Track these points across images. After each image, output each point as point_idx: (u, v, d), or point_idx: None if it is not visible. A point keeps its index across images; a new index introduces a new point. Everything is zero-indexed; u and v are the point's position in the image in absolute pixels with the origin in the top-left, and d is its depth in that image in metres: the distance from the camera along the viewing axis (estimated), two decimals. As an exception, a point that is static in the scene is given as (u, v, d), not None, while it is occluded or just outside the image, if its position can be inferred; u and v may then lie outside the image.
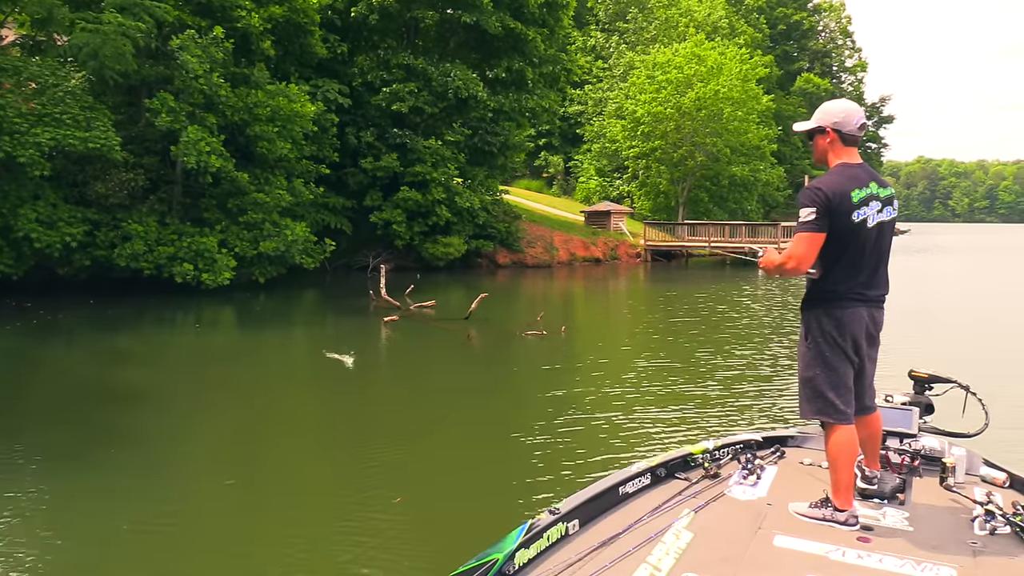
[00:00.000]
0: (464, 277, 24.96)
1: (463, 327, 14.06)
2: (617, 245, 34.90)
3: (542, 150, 52.87)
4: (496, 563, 2.74)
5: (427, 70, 25.59)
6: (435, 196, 25.41)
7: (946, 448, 3.94)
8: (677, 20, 48.80)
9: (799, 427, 4.60)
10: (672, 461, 3.91)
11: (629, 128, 41.72)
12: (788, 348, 12.35)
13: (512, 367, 11.53)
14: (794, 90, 68.93)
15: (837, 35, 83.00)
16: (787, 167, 56.46)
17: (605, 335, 15.37)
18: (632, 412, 8.06)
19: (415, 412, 8.34)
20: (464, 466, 6.65)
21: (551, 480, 6.05)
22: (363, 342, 13.48)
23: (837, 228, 3.30)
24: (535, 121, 31.65)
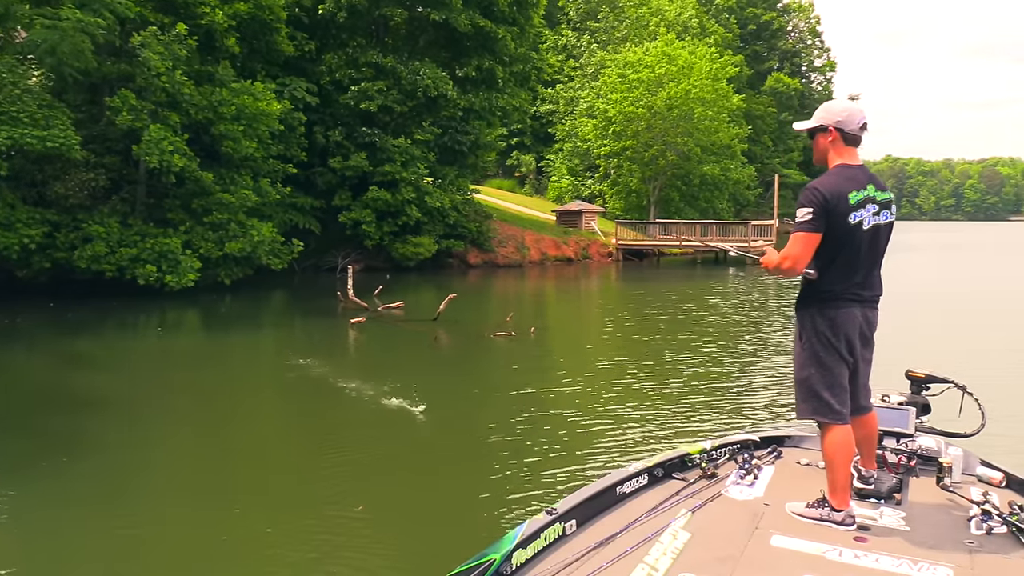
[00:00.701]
0: (435, 277, 24.76)
1: (431, 328, 13.89)
2: (589, 244, 34.85)
3: (514, 149, 52.78)
4: (493, 563, 2.72)
5: (396, 68, 25.35)
6: (405, 196, 25.19)
7: (943, 448, 3.94)
8: (648, 19, 48.90)
9: (796, 427, 4.60)
10: (669, 461, 3.90)
11: (600, 127, 41.73)
12: (761, 347, 12.31)
13: (480, 369, 11.37)
14: (764, 89, 69.38)
15: (806, 35, 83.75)
16: (757, 166, 56.83)
17: (575, 336, 15.26)
18: (597, 412, 7.94)
19: (380, 415, 8.16)
20: (430, 470, 6.49)
21: (516, 482, 5.92)
22: (330, 344, 13.29)
23: (833, 229, 3.32)
24: (506, 120, 31.52)
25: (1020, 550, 3.06)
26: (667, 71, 40.21)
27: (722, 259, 34.39)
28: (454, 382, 10.26)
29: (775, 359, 11.32)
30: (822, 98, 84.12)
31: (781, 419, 7.69)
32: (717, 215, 43.54)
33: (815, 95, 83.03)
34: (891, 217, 3.46)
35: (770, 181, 55.49)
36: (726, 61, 46.58)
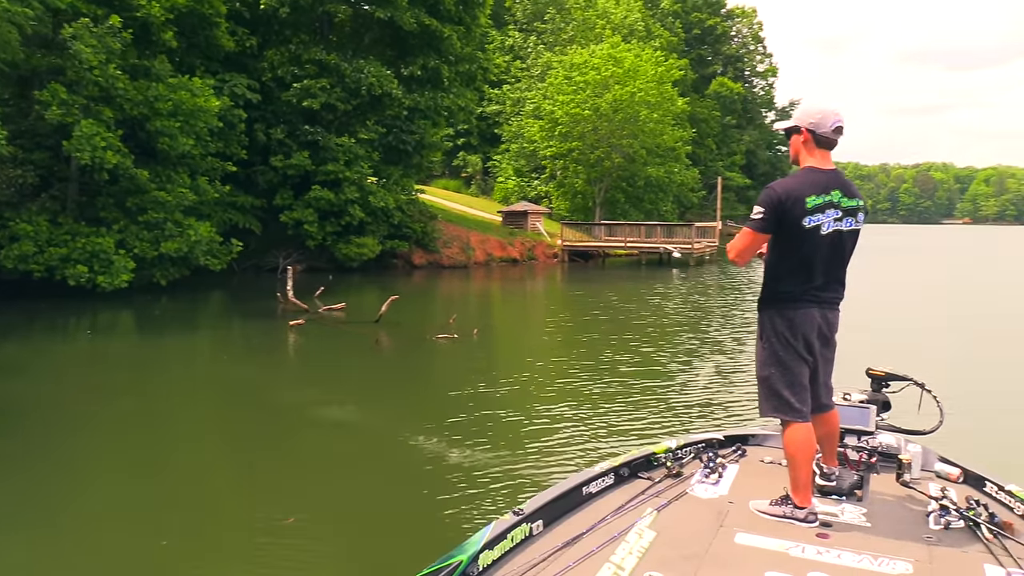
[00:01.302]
0: (378, 278, 24.45)
1: (373, 331, 13.66)
2: (534, 245, 34.84)
3: (460, 150, 52.57)
4: (460, 565, 2.71)
5: (340, 66, 24.97)
6: (348, 195, 24.83)
7: (902, 445, 4.00)
8: (594, 22, 49.15)
9: (760, 426, 4.64)
10: (635, 461, 3.92)
11: (547, 128, 41.80)
12: (703, 347, 12.35)
13: (422, 372, 11.20)
14: (708, 93, 70.29)
15: (749, 40, 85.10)
16: (701, 169, 57.51)
17: (519, 337, 15.17)
18: (541, 414, 7.84)
19: (320, 421, 7.95)
20: (374, 476, 6.30)
21: (462, 487, 5.78)
22: (268, 348, 12.98)
23: (788, 231, 3.36)
24: (452, 120, 31.33)
25: (976, 544, 3.12)
26: (613, 73, 40.47)
27: (666, 260, 34.66)
28: (396, 385, 10.07)
29: (715, 358, 11.38)
30: (764, 103, 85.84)
31: (724, 419, 7.70)
32: (662, 217, 43.93)
33: (757, 100, 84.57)
34: (856, 224, 3.45)
35: (714, 184, 56.25)
36: (671, 64, 47.02)
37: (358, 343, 13.01)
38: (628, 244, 35.95)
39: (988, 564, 2.94)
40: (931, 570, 2.90)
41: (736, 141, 73.77)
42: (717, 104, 69.13)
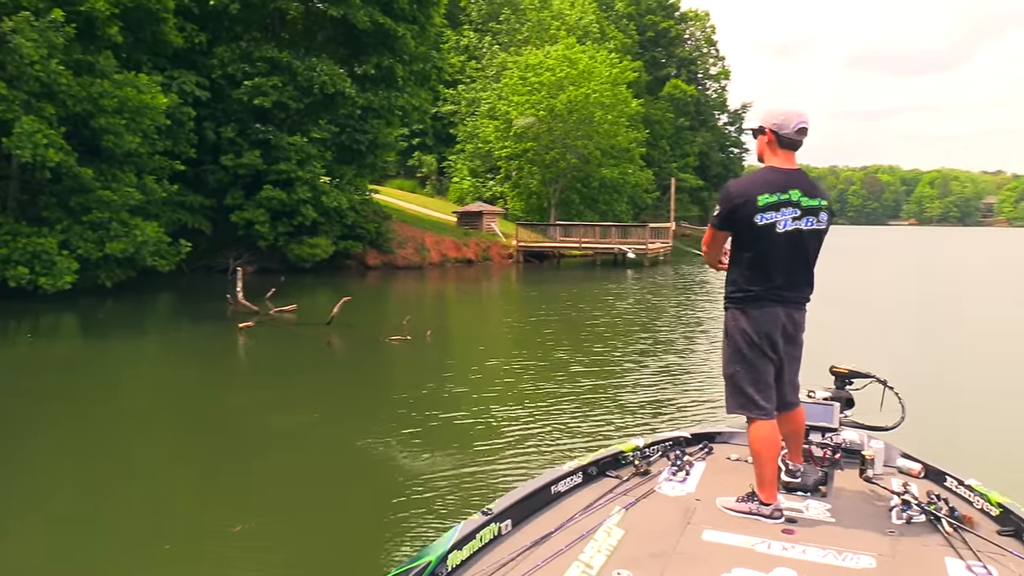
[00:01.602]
0: (332, 279, 24.15)
1: (325, 332, 13.46)
2: (489, 246, 34.76)
3: (415, 150, 52.23)
4: (429, 565, 2.71)
5: (292, 64, 24.61)
6: (300, 195, 24.48)
7: (865, 441, 4.08)
8: (549, 23, 49.24)
9: (727, 423, 4.67)
10: (603, 460, 3.94)
11: (502, 129, 41.78)
12: (657, 347, 12.38)
13: (374, 374, 11.04)
14: (662, 95, 70.85)
15: (702, 43, 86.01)
16: (655, 170, 57.97)
17: (474, 338, 15.08)
18: (495, 415, 7.77)
19: (270, 426, 7.77)
20: (328, 482, 6.16)
21: (417, 491, 5.68)
22: (216, 351, 12.69)
23: (741, 228, 3.43)
24: (406, 120, 31.07)
25: (937, 537, 3.17)
26: (568, 75, 40.58)
27: (621, 261, 34.83)
28: (348, 388, 9.90)
29: (667, 358, 11.41)
30: (717, 105, 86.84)
31: (677, 417, 7.70)
32: (616, 217, 44.17)
33: (710, 102, 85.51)
34: (816, 224, 3.47)
35: (667, 185, 56.76)
36: (625, 66, 47.33)
37: (309, 345, 12.81)
38: (583, 245, 36.05)
39: (949, 557, 2.98)
40: (893, 564, 2.95)
41: (689, 143, 74.49)
42: (671, 106, 69.73)
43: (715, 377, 10.39)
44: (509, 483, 5.99)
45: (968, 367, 11.70)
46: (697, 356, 11.97)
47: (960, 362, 12.07)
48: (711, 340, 13.98)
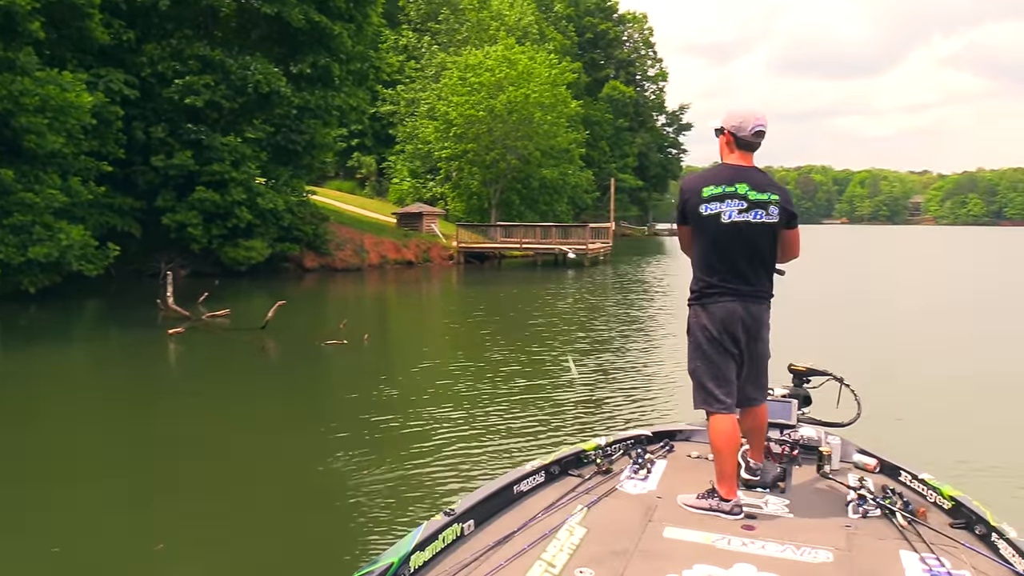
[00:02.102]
0: (268, 283, 23.67)
1: (259, 338, 13.13)
2: (429, 247, 34.51)
3: (354, 150, 51.68)
4: (391, 567, 2.69)
5: (225, 62, 24.00)
6: (235, 197, 23.88)
7: (823, 437, 4.14)
8: (488, 23, 49.14)
9: (687, 422, 4.74)
10: (565, 458, 3.96)
11: (441, 129, 41.53)
12: (591, 347, 12.35)
13: (307, 380, 10.77)
14: (601, 96, 71.40)
15: (640, 45, 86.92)
16: (595, 170, 58.34)
17: (411, 341, 14.88)
18: (429, 420, 7.61)
19: (200, 437, 7.50)
20: (256, 492, 5.94)
21: (348, 500, 5.51)
22: (145, 358, 12.25)
23: (691, 220, 3.61)
24: (344, 120, 30.57)
25: (892, 531, 3.24)
26: (507, 75, 40.52)
27: (561, 261, 34.92)
28: (281, 395, 9.64)
29: (602, 357, 11.39)
30: (655, 106, 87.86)
31: (616, 417, 7.66)
32: (557, 218, 44.27)
33: (649, 103, 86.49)
34: (766, 217, 3.55)
35: (607, 185, 57.17)
36: (564, 67, 47.48)
37: (243, 351, 12.47)
38: (524, 245, 36.03)
39: (903, 550, 3.06)
40: (850, 558, 3.00)
41: (629, 143, 75.21)
42: (610, 107, 70.32)
43: (651, 376, 10.42)
44: (447, 486, 5.86)
45: (912, 361, 11.94)
46: (633, 355, 11.99)
47: (903, 356, 12.30)
48: (648, 339, 14.05)
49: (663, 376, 10.49)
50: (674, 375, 10.51)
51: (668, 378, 10.29)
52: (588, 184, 52.16)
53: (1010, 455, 6.93)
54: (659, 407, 8.63)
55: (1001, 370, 11.09)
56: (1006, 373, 10.87)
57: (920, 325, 16.41)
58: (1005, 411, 8.70)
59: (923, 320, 17.23)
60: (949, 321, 16.90)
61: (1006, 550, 3.04)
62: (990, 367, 11.33)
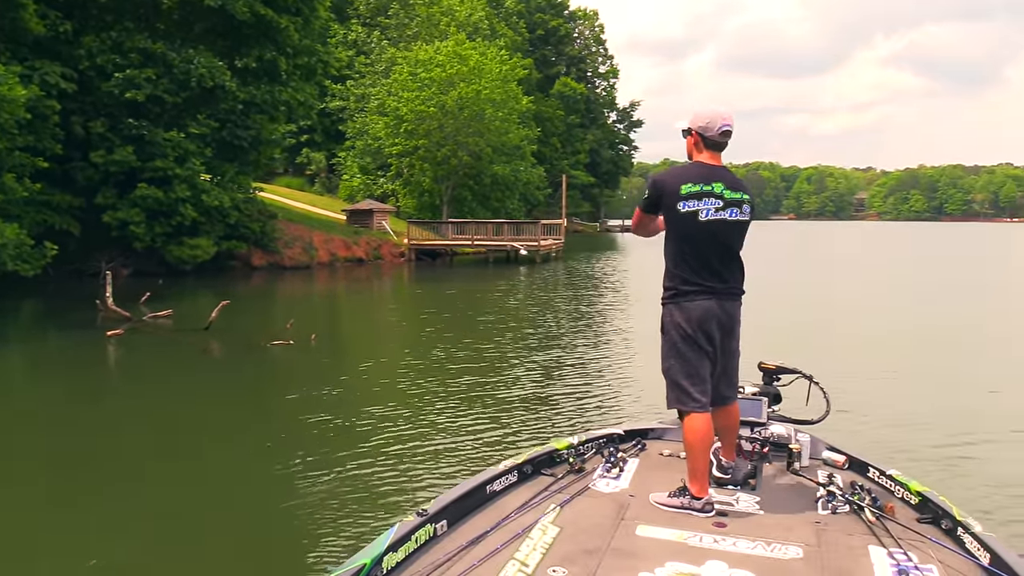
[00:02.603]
0: (214, 281, 23.13)
1: (202, 339, 12.77)
2: (380, 245, 34.14)
3: (304, 147, 50.98)
4: (364, 568, 2.68)
5: (167, 55, 23.39)
6: (179, 194, 23.28)
7: (793, 435, 4.19)
8: (439, 18, 48.81)
9: (659, 420, 4.77)
10: (538, 458, 3.97)
11: (392, 125, 41.09)
12: (542, 343, 12.25)
13: (250, 383, 10.48)
14: (553, 93, 71.50)
15: (591, 42, 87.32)
16: (547, 167, 58.32)
17: (360, 341, 14.63)
18: (375, 421, 7.43)
19: (140, 445, 7.21)
20: (199, 499, 5.69)
21: (295, 509, 5.30)
22: (82, 362, 11.81)
23: (666, 215, 3.62)
24: (292, 115, 30.05)
25: (861, 526, 3.30)
26: (458, 71, 40.26)
27: (513, 258, 34.83)
28: (223, 399, 9.34)
29: (552, 352, 11.30)
30: (606, 103, 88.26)
31: (566, 416, 7.55)
32: (509, 215, 44.13)
33: (600, 100, 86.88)
34: (740, 215, 3.63)
35: (559, 182, 57.19)
36: (515, 63, 47.37)
37: (185, 353, 12.09)
38: (475, 242, 35.85)
39: (872, 545, 3.11)
40: (820, 553, 3.04)
41: (580, 140, 75.44)
42: (561, 103, 70.45)
43: (601, 372, 10.34)
44: (392, 488, 5.69)
45: (886, 360, 12.02)
46: (581, 351, 11.91)
47: (877, 357, 12.40)
48: (597, 335, 14.00)
49: (614, 373, 10.43)
50: (626, 371, 10.46)
51: (619, 375, 10.24)
52: (540, 181, 52.09)
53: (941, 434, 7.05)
54: (608, 404, 8.55)
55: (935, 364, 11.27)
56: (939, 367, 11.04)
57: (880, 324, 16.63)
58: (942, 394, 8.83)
59: (884, 319, 17.47)
60: (905, 319, 17.18)
61: (971, 544, 3.08)
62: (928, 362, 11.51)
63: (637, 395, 8.99)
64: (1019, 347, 13.12)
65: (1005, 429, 7.71)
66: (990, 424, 7.90)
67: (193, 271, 24.55)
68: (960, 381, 10.20)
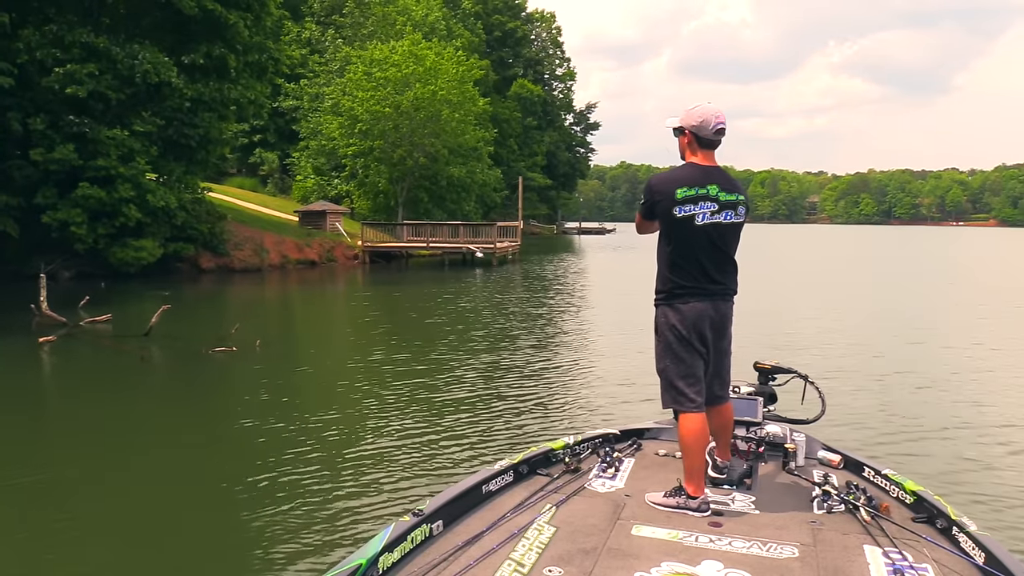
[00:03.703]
0: (161, 285, 22.39)
1: (141, 345, 12.21)
2: (334, 247, 33.53)
3: (257, 146, 50.06)
4: (360, 568, 2.68)
5: (111, 50, 22.57)
6: (122, 194, 22.48)
7: (788, 434, 4.20)
8: (394, 18, 48.29)
9: (655, 420, 4.76)
10: (534, 458, 3.97)
11: (346, 126, 40.47)
12: (491, 344, 11.93)
13: (186, 392, 9.98)
14: (510, 95, 71.34)
15: (548, 45, 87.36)
16: (504, 169, 58.09)
17: (307, 346, 14.11)
18: (312, 432, 7.04)
19: (68, 463, 6.72)
20: (144, 527, 5.26)
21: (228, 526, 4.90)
22: (11, 370, 11.18)
23: (662, 220, 3.60)
24: (242, 114, 29.34)
25: (856, 526, 3.30)
26: (414, 71, 39.80)
27: (469, 260, 34.48)
28: (160, 409, 8.86)
29: (500, 354, 10.99)
30: (563, 105, 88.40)
31: (514, 420, 7.24)
32: (465, 216, 43.77)
33: (557, 102, 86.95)
34: (735, 217, 3.62)
35: (516, 184, 57.02)
36: (472, 64, 47.01)
37: (121, 361, 11.50)
38: (431, 244, 35.43)
39: (867, 545, 3.11)
40: (815, 553, 3.04)
41: (537, 142, 75.37)
42: (518, 105, 70.31)
43: (563, 374, 10.05)
44: (327, 496, 5.33)
45: (876, 359, 11.99)
46: (529, 352, 11.61)
47: (862, 355, 12.36)
48: (548, 336, 13.71)
49: (566, 376, 10.15)
50: (579, 375, 10.19)
51: (577, 377, 9.96)
52: (497, 183, 51.81)
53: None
54: (563, 408, 8.26)
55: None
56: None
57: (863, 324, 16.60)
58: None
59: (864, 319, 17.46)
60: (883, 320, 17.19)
61: (966, 543, 3.09)
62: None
63: (588, 397, 8.76)
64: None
65: (1001, 427, 7.79)
66: (986, 422, 7.97)
67: (138, 274, 23.77)
68: (946, 378, 10.32)
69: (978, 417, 8.24)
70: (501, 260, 35.25)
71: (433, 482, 5.83)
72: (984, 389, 9.84)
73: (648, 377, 4.56)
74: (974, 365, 11.52)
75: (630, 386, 9.45)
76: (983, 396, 9.41)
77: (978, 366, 11.44)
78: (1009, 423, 8.00)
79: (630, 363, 10.82)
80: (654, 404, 4.26)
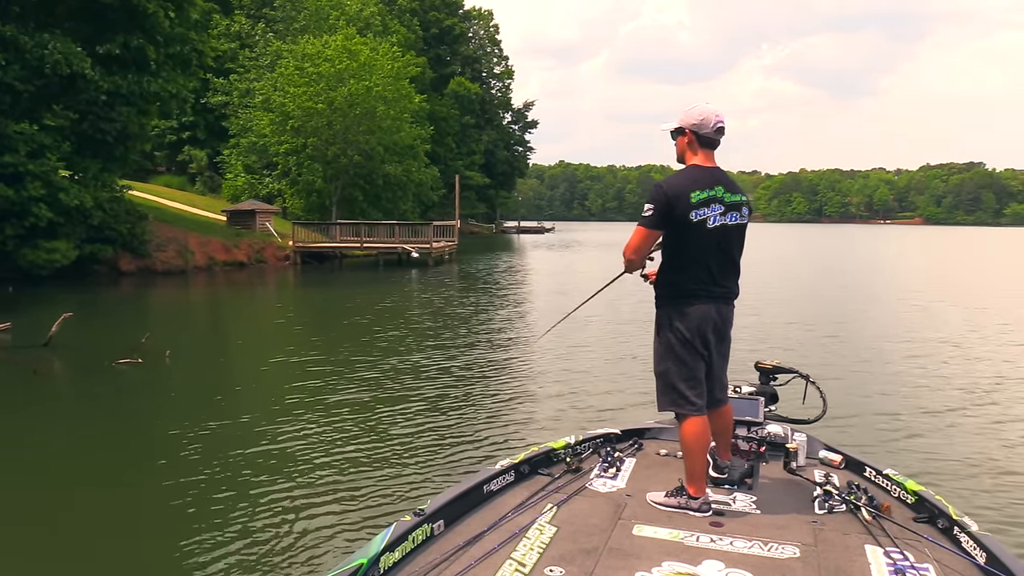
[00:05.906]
0: (76, 289, 21.10)
1: (38, 356, 11.21)
2: (263, 247, 32.39)
3: (186, 144, 48.37)
4: (361, 568, 2.66)
5: (19, 39, 21.18)
6: (32, 192, 21.08)
7: (789, 434, 4.18)
8: (328, 12, 47.11)
9: (656, 420, 4.70)
10: (535, 457, 3.95)
11: (278, 122, 39.20)
12: (417, 344, 11.26)
13: (84, 409, 9.08)
14: (447, 92, 70.61)
15: (486, 42, 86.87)
16: (441, 168, 57.27)
17: (223, 355, 13.22)
18: (219, 454, 6.31)
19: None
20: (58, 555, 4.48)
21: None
22: None
23: (676, 226, 3.49)
24: (165, 109, 28.01)
25: (857, 526, 3.28)
26: (348, 66, 38.76)
27: (405, 260, 33.71)
28: (47, 428, 7.97)
29: (432, 354, 10.35)
30: (502, 104, 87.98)
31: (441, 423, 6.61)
32: (402, 216, 42.91)
33: (495, 101, 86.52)
34: (740, 219, 3.58)
35: (452, 183, 56.29)
36: (408, 60, 46.12)
37: (12, 374, 10.51)
38: (365, 244, 34.53)
39: (868, 544, 3.10)
40: (816, 552, 3.04)
41: (475, 141, 74.77)
42: (456, 103, 69.60)
43: (493, 376, 9.45)
44: (222, 518, 4.63)
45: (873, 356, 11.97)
46: (456, 352, 11.00)
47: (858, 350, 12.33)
48: (477, 336, 13.12)
49: (495, 379, 9.56)
50: (511, 377, 9.61)
51: (506, 378, 9.37)
52: (434, 181, 50.96)
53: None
54: (490, 409, 7.66)
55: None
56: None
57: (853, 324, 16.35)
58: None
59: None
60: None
61: (968, 543, 3.08)
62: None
63: (521, 398, 8.16)
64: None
65: (1002, 426, 7.75)
66: (987, 421, 7.93)
67: (51, 277, 22.40)
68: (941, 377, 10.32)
69: (978, 417, 8.20)
70: (437, 260, 34.55)
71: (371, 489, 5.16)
72: (984, 389, 9.73)
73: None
74: (974, 364, 11.45)
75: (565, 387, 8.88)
76: (983, 395, 9.31)
77: (978, 365, 11.35)
78: (1010, 421, 7.97)
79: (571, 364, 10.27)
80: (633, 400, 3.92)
